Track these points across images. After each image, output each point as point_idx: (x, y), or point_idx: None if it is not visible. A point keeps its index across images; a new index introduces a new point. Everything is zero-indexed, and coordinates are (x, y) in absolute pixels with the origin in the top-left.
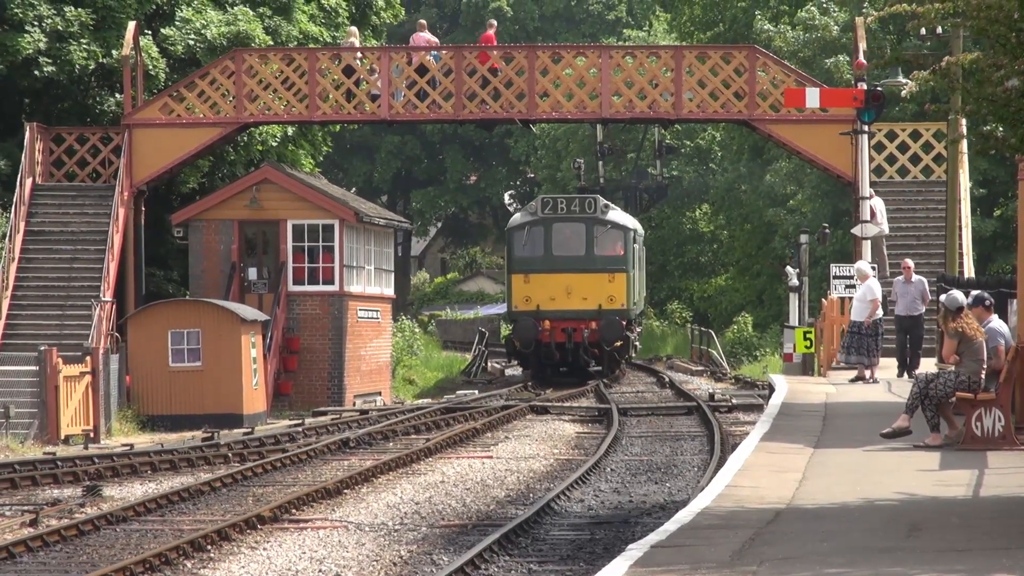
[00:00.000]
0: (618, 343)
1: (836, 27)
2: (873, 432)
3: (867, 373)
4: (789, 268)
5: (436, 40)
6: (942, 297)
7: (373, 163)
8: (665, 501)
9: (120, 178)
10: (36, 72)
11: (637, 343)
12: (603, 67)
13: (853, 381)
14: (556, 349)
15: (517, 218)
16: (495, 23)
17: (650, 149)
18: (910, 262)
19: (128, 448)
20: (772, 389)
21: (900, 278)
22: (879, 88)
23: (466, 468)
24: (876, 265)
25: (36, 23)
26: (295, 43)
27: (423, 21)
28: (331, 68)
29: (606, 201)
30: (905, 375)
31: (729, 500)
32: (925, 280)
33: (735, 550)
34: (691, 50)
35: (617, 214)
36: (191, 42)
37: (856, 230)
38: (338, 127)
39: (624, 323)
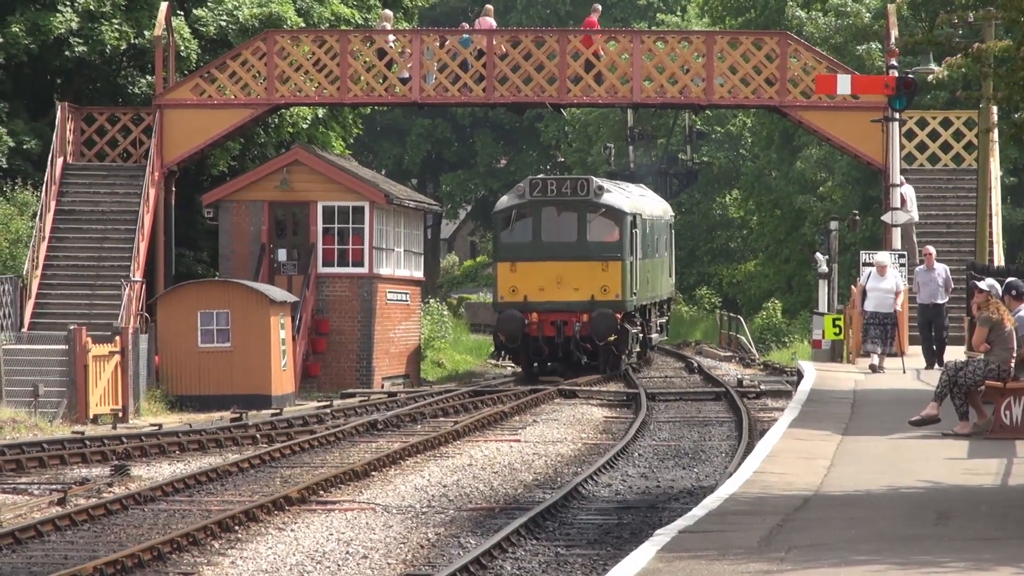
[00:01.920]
0: (612, 337)
1: (868, 14)
2: (902, 420)
3: (879, 361)
4: (818, 255)
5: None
6: (981, 284)
7: (403, 146)
8: (693, 487)
9: (151, 158)
10: (67, 52)
11: (653, 335)
12: (634, 52)
13: (874, 371)
14: (545, 344)
15: (504, 201)
16: (599, 7)
17: (680, 134)
18: (932, 249)
19: (156, 428)
20: (800, 376)
21: (922, 266)
22: (911, 75)
23: (494, 451)
24: (906, 253)
25: (68, 2)
26: (327, 25)
27: (490, 7)
28: (363, 50)
29: (601, 182)
30: (935, 365)
31: (757, 486)
32: (947, 268)
33: (763, 536)
34: (723, 35)
35: (614, 196)
36: (223, 23)
37: (886, 217)
38: (369, 109)
39: (619, 316)
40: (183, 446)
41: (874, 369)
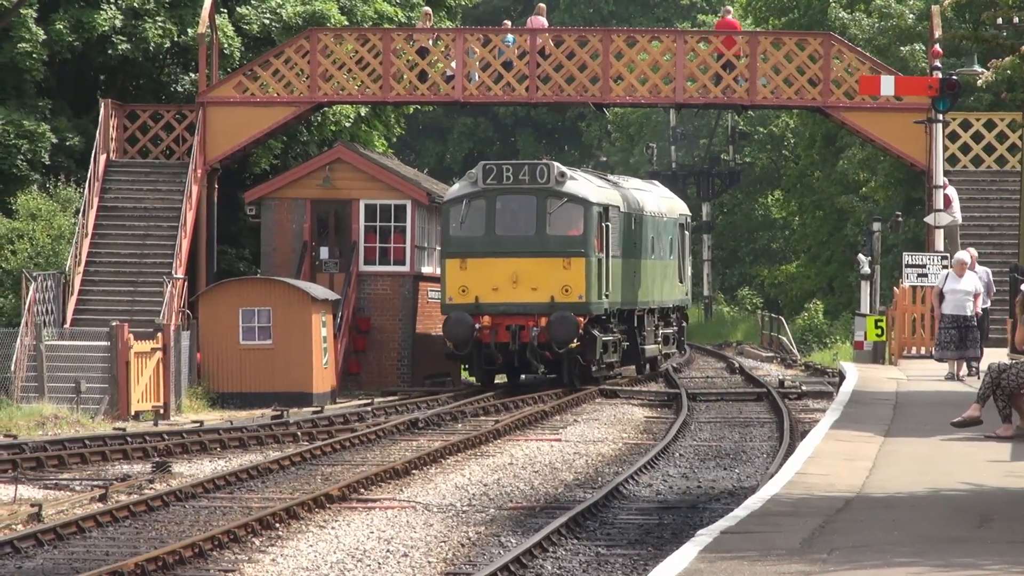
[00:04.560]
0: (572, 344)
1: (911, 15)
2: (944, 421)
3: (956, 369)
4: (861, 256)
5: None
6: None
7: (445, 144)
8: (734, 487)
9: (193, 155)
10: (111, 50)
11: (648, 347)
12: (678, 52)
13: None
14: (498, 351)
15: (455, 189)
16: (731, 9)
17: (723, 135)
18: (973, 251)
19: (198, 425)
20: (842, 377)
21: None
22: (954, 77)
23: (535, 451)
24: (949, 254)
25: (112, 0)
26: (370, 23)
27: (542, 5)
28: (406, 49)
29: (563, 168)
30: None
31: (798, 487)
32: (989, 271)
33: (805, 537)
34: (766, 36)
35: (579, 184)
36: (266, 21)
37: (929, 219)
38: (411, 108)
39: (583, 319)
40: (224, 443)
41: (952, 378)
